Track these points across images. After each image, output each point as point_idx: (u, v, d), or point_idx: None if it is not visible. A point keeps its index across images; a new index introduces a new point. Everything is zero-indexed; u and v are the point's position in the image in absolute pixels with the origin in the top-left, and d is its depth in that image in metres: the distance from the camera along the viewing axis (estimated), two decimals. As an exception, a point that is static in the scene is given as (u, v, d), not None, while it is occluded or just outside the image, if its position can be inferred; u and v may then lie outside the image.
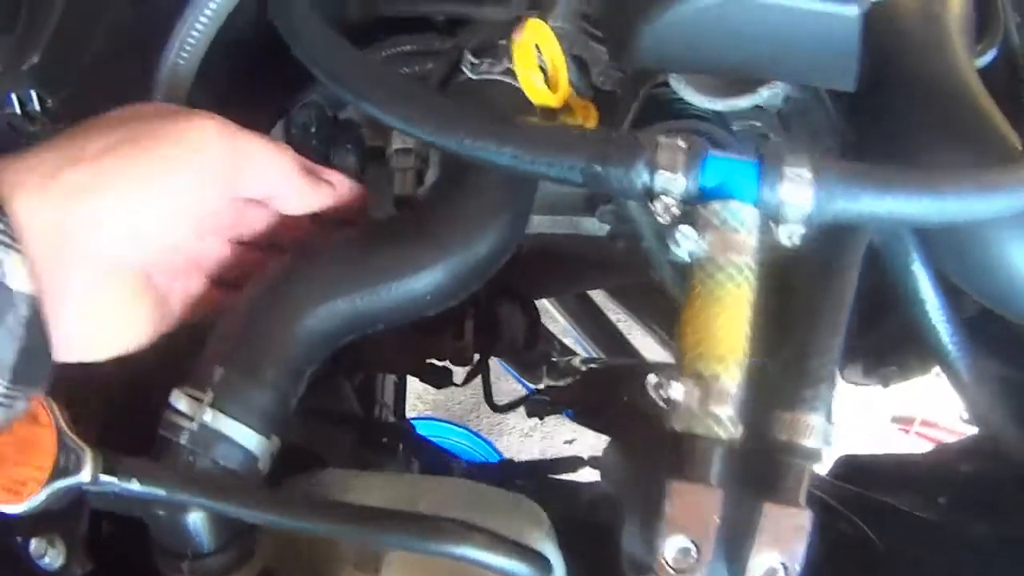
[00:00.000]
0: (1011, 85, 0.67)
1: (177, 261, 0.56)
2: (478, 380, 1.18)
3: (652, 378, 0.50)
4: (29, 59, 0.58)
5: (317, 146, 0.75)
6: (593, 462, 1.06)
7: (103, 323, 0.51)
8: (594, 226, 0.89)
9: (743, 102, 0.66)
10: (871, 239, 0.58)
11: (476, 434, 1.84)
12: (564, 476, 1.08)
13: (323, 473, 0.64)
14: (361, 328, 0.60)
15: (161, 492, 0.47)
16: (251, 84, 0.74)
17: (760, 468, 0.51)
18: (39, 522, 0.55)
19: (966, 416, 0.69)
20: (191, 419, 0.52)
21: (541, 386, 1.26)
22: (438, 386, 1.07)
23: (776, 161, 0.51)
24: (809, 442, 0.50)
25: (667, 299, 1.18)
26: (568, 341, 1.47)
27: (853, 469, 0.81)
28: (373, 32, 0.74)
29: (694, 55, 0.60)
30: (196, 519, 0.52)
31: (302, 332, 0.57)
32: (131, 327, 0.53)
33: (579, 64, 0.68)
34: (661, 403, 0.50)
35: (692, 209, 0.52)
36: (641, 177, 0.50)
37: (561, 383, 1.21)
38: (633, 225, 0.65)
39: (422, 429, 1.21)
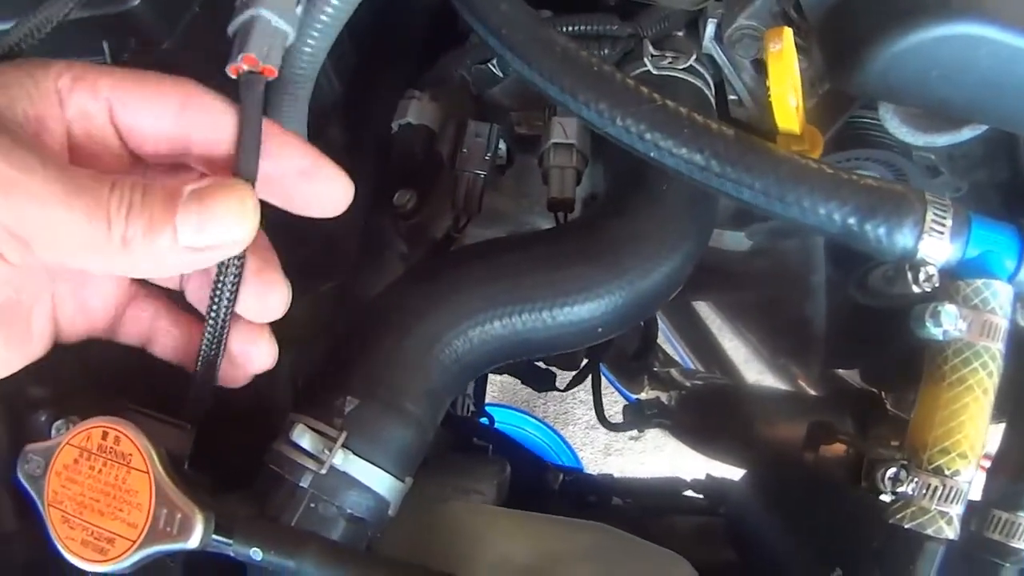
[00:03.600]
0: None
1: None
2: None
3: (892, 471, 0.44)
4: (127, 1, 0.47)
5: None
6: (697, 486, 0.97)
7: None
8: (737, 240, 0.81)
9: (943, 139, 0.58)
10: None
11: (548, 427, 1.77)
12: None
13: (444, 509, 0.56)
14: (515, 355, 0.52)
15: (290, 564, 0.39)
16: (380, 60, 0.65)
17: (964, 564, 0.47)
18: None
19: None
20: (318, 460, 0.44)
21: (643, 396, 1.17)
22: (540, 389, 0.98)
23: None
24: (1022, 544, 0.47)
25: (775, 316, 1.10)
26: (663, 343, 1.39)
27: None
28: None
29: (918, 87, 0.51)
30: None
31: (449, 358, 0.49)
32: None
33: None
34: (889, 494, 0.44)
35: (950, 283, 0.43)
36: (906, 240, 0.41)
37: (663, 395, 1.12)
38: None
39: (497, 418, 1.12)
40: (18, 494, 0.41)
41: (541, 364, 0.96)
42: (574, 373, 1.02)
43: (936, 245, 0.43)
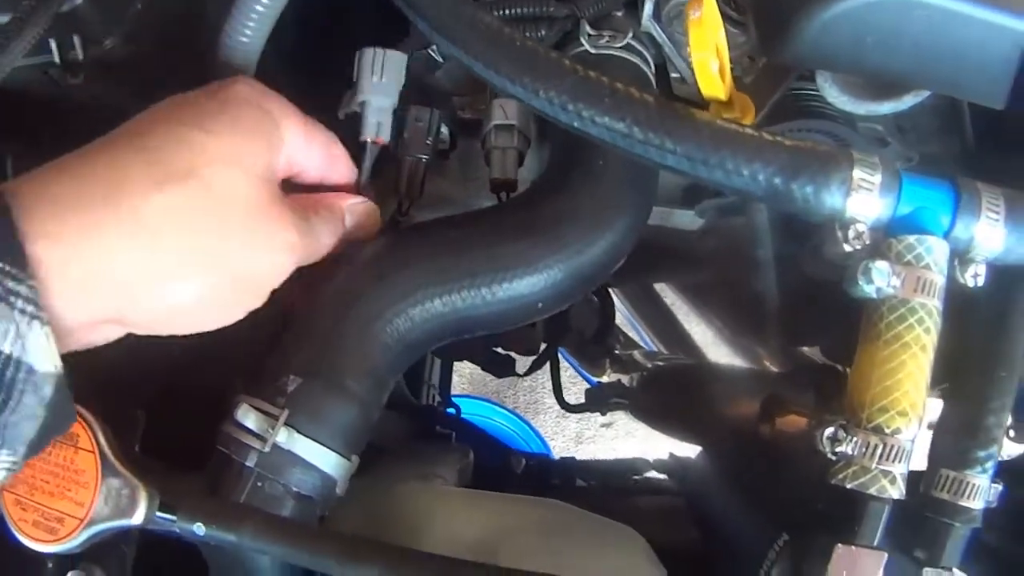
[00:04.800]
0: None
1: None
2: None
3: (830, 431, 0.45)
4: (71, -1, 0.48)
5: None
6: (660, 466, 0.99)
7: None
8: (687, 219, 0.81)
9: (886, 107, 0.58)
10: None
11: (519, 416, 1.78)
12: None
13: (398, 489, 0.57)
14: (457, 333, 0.52)
15: (231, 538, 0.39)
16: (323, 47, 0.65)
17: (912, 524, 0.48)
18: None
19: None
20: (262, 439, 0.44)
21: (605, 379, 1.18)
22: (500, 375, 0.99)
23: (974, 193, 0.43)
24: (971, 504, 0.48)
25: (733, 296, 1.11)
26: (625, 327, 1.39)
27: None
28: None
29: (853, 55, 0.52)
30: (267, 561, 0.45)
31: (391, 337, 0.49)
32: None
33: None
34: (831, 455, 0.45)
35: (883, 240, 0.44)
36: (833, 198, 0.42)
37: (624, 378, 1.13)
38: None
39: (465, 408, 1.13)
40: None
41: (500, 350, 0.97)
42: (534, 358, 1.03)
43: (865, 202, 0.43)
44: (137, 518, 0.40)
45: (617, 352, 1.17)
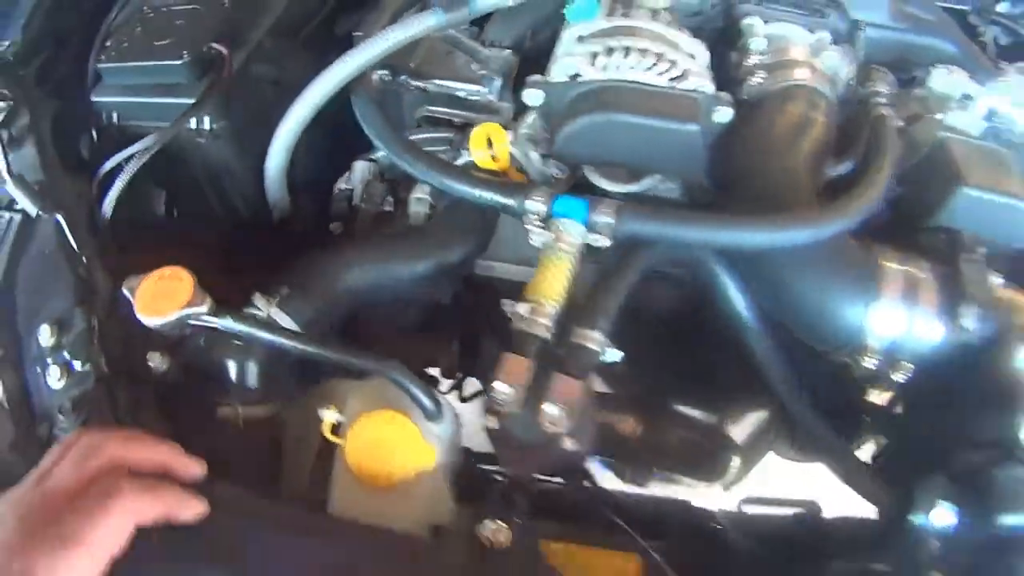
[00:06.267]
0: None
1: None
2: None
3: (508, 302, 0.91)
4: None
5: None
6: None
7: None
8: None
9: (633, 187, 1.06)
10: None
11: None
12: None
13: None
14: (373, 291, 1.02)
15: (244, 328, 0.88)
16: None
17: (559, 356, 0.89)
18: (158, 343, 0.90)
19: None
20: (261, 311, 0.94)
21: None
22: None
23: (597, 202, 0.93)
24: (592, 345, 0.89)
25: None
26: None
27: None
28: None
29: (593, 154, 1.02)
30: (251, 366, 0.94)
31: (342, 280, 1.00)
32: None
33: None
34: (510, 315, 0.91)
35: (551, 222, 0.94)
36: (522, 205, 0.94)
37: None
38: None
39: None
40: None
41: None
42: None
43: (538, 207, 0.92)
44: (203, 309, 0.87)
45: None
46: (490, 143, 1.01)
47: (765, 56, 1.13)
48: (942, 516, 0.88)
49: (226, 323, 0.89)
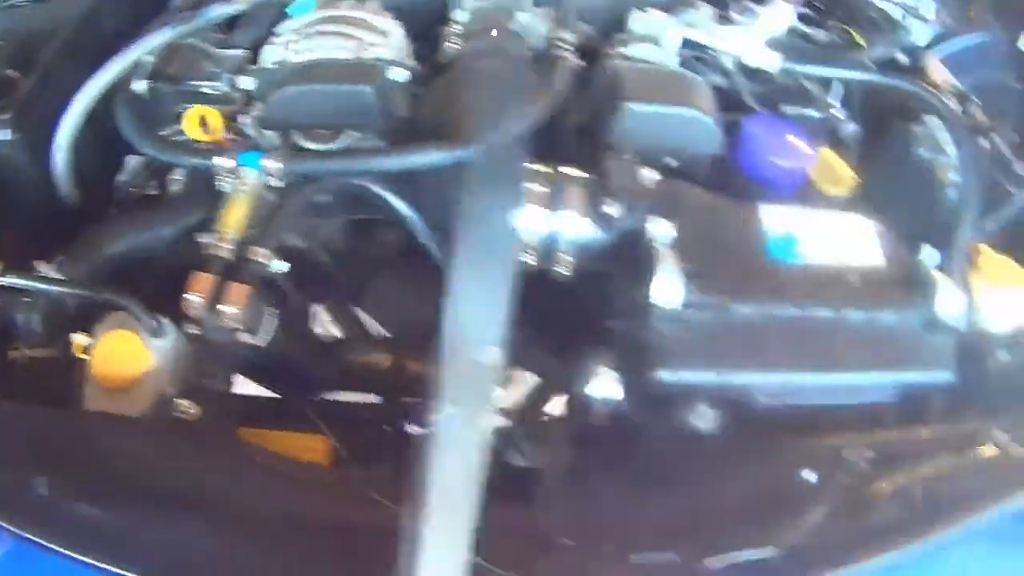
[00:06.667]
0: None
1: None
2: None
3: (204, 236, 1.19)
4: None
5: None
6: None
7: None
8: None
9: (332, 145, 1.26)
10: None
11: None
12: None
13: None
14: (133, 253, 1.29)
15: (24, 281, 1.19)
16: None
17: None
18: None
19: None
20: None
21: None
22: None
23: (271, 154, 1.21)
24: (259, 258, 1.16)
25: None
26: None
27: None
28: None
29: (294, 120, 1.28)
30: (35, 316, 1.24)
31: (106, 246, 1.24)
32: None
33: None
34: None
35: (236, 172, 1.22)
36: (216, 162, 1.22)
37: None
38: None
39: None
40: None
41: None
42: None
43: (227, 163, 1.21)
44: None
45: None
46: (204, 122, 1.30)
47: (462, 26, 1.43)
48: (603, 385, 1.08)
49: (11, 280, 1.19)
